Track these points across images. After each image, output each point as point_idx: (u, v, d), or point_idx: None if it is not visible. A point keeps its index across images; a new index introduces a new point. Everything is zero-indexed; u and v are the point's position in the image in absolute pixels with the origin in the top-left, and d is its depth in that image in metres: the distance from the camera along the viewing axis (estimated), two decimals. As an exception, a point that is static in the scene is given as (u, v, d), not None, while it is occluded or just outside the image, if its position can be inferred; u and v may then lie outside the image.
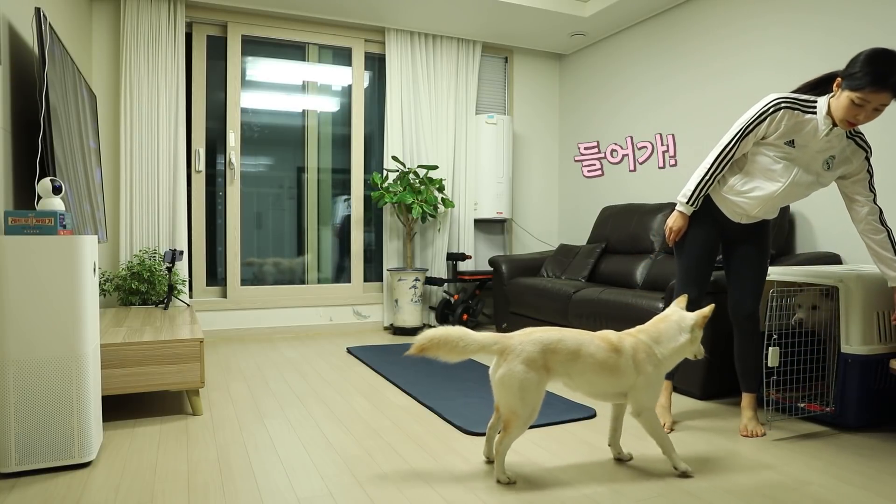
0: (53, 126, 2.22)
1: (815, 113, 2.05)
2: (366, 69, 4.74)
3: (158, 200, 3.94)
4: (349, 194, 4.71)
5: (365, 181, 4.73)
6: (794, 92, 2.14)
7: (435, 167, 4.45)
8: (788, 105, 2.06)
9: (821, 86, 2.10)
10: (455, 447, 2.14)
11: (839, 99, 1.97)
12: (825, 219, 3.08)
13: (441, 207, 4.66)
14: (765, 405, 2.51)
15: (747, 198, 2.19)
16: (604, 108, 4.77)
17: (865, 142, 2.13)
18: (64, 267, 1.85)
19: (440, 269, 4.72)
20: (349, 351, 3.78)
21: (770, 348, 2.33)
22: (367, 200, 4.76)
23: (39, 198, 1.99)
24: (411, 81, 4.65)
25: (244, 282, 4.42)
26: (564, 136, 5.27)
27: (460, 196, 4.83)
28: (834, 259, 2.93)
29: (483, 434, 2.25)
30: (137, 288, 3.55)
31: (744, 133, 2.12)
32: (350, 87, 4.69)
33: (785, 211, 3.10)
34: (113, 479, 1.84)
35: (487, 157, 4.83)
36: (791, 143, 2.08)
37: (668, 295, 2.84)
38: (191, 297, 4.21)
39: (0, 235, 1.81)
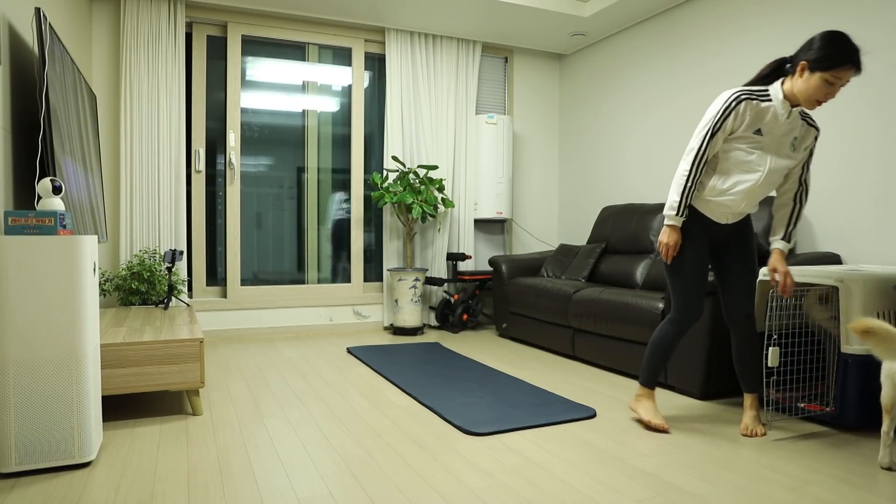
0: (53, 126, 2.22)
1: (770, 101, 2.13)
2: (366, 69, 4.74)
3: (158, 200, 3.94)
4: (343, 192, 4.71)
5: (365, 181, 4.73)
6: (746, 85, 2.21)
7: (435, 167, 4.45)
8: (747, 97, 2.13)
9: (771, 75, 2.19)
10: (455, 447, 2.14)
11: (808, 81, 2.04)
12: (825, 219, 3.08)
13: (441, 207, 4.66)
14: (765, 405, 2.51)
15: (731, 195, 2.21)
16: (604, 108, 4.77)
17: (815, 122, 2.23)
18: (64, 267, 1.85)
19: (440, 269, 4.72)
20: (349, 351, 3.78)
21: (770, 348, 2.33)
22: (367, 200, 4.77)
23: (39, 198, 1.99)
24: (411, 81, 4.65)
25: (244, 282, 4.42)
26: (564, 137, 5.27)
27: (460, 196, 4.83)
28: (834, 259, 2.93)
29: (483, 434, 2.26)
30: (137, 288, 3.55)
31: (712, 132, 2.16)
32: (350, 87, 4.69)
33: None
34: (113, 479, 1.84)
35: (487, 157, 4.83)
36: (758, 131, 2.15)
37: (668, 296, 2.84)
38: (191, 297, 4.21)
39: (0, 235, 1.81)
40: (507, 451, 2.10)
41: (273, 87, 4.51)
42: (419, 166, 4.42)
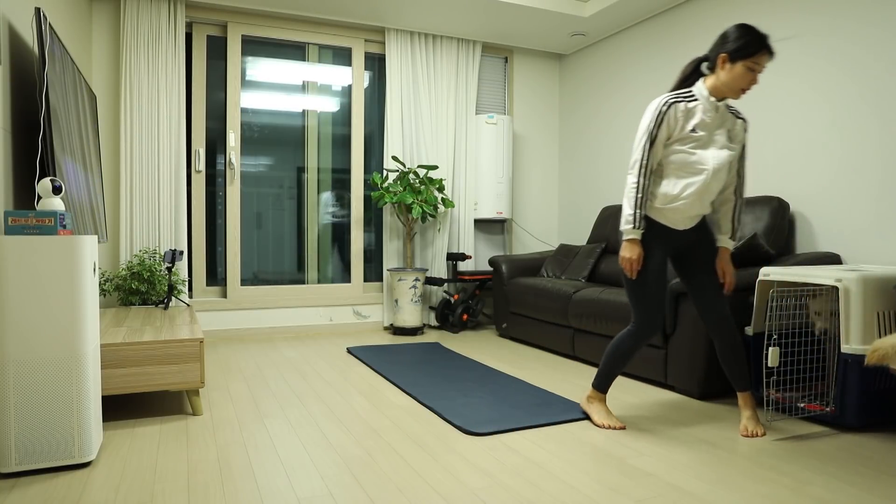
0: (53, 126, 2.22)
1: (697, 100, 2.21)
2: (366, 69, 4.74)
3: (158, 200, 3.94)
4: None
5: (365, 181, 4.73)
6: (670, 91, 2.27)
7: (435, 167, 4.45)
8: (675, 100, 2.20)
9: (690, 77, 2.28)
10: (455, 447, 2.14)
11: (731, 72, 2.14)
12: (825, 219, 3.08)
13: (441, 207, 4.66)
14: (765, 405, 2.51)
15: (684, 199, 2.23)
16: (604, 108, 4.77)
17: (741, 114, 2.32)
18: (64, 267, 1.85)
19: (440, 269, 4.72)
20: (349, 351, 3.78)
21: (770, 348, 2.33)
22: (367, 200, 4.77)
23: (39, 198, 1.99)
24: (411, 81, 4.65)
25: (244, 282, 4.42)
26: (564, 137, 5.27)
27: (460, 196, 4.83)
28: (834, 259, 2.93)
29: (483, 434, 2.26)
30: (137, 288, 3.55)
31: (651, 141, 2.20)
32: (350, 87, 4.69)
33: (784, 211, 3.10)
34: (113, 479, 1.84)
35: (487, 157, 4.83)
36: (694, 129, 2.20)
37: (668, 296, 2.84)
38: (191, 297, 4.21)
39: (0, 235, 1.81)
40: (507, 451, 2.10)
41: (273, 87, 4.51)
42: (419, 166, 4.42)
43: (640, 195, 2.20)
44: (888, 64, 2.81)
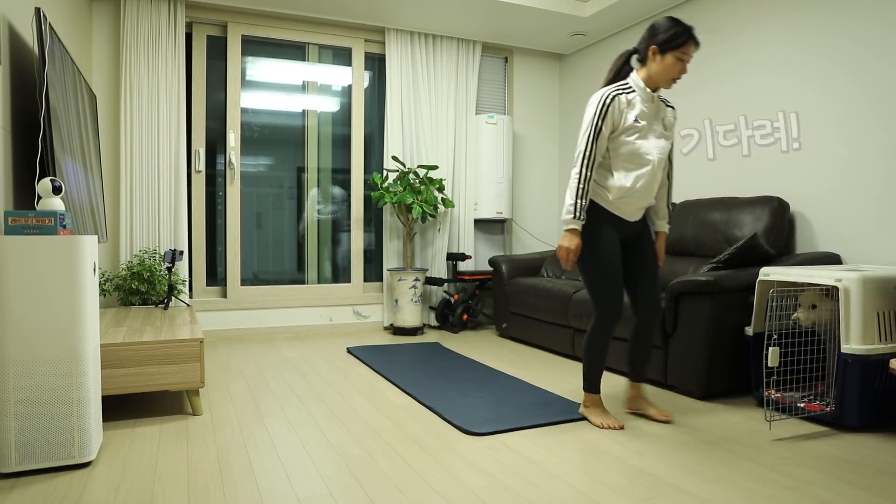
0: (53, 126, 2.22)
1: (634, 91, 2.28)
2: (366, 69, 4.74)
3: (158, 200, 3.94)
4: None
5: (365, 181, 4.73)
6: (605, 84, 2.34)
7: (435, 167, 4.45)
8: (615, 93, 2.26)
9: (622, 70, 2.35)
10: (455, 447, 2.14)
11: (663, 63, 2.23)
12: (825, 219, 3.08)
13: (441, 207, 4.66)
14: (765, 405, 2.51)
15: (637, 190, 2.27)
16: (604, 108, 4.77)
17: (670, 102, 2.40)
18: (64, 267, 1.85)
19: (440, 269, 4.72)
20: (349, 351, 3.78)
21: (770, 348, 2.33)
22: (367, 200, 4.76)
23: (39, 198, 1.99)
24: (411, 81, 4.65)
25: (244, 282, 4.42)
26: (564, 137, 5.27)
27: (460, 196, 4.83)
28: (834, 259, 2.93)
29: (483, 434, 2.26)
30: (137, 288, 3.55)
31: (595, 134, 2.23)
32: (350, 87, 4.69)
33: (784, 211, 3.10)
34: (113, 479, 1.84)
35: (487, 157, 4.83)
36: (637, 120, 2.26)
37: (668, 296, 2.84)
38: (191, 297, 4.21)
39: (0, 235, 1.81)
40: (507, 451, 2.10)
41: (273, 87, 4.51)
42: (419, 166, 4.42)
43: (581, 186, 2.22)
44: (889, 63, 2.81)
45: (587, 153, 2.23)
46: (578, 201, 2.22)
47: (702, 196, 3.81)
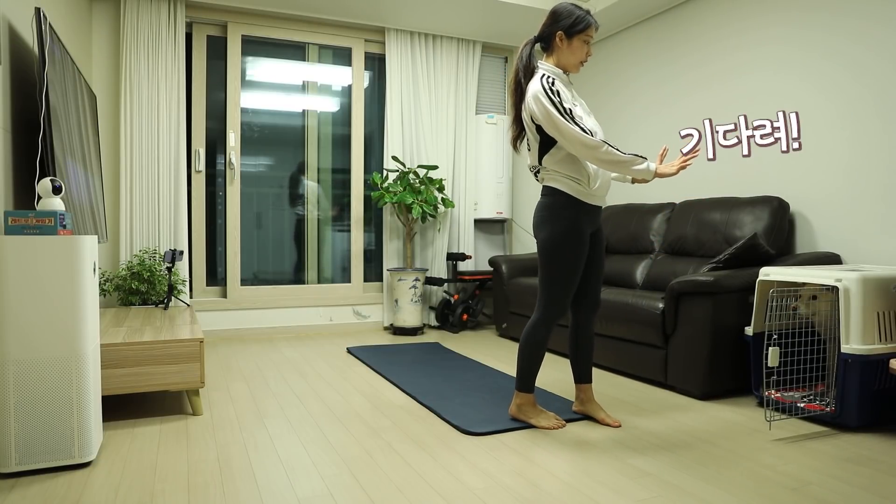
0: (53, 126, 2.22)
1: (553, 77, 2.26)
2: (366, 69, 4.74)
3: (158, 200, 3.94)
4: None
5: (365, 181, 4.73)
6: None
7: (435, 167, 4.45)
8: (548, 76, 2.23)
9: (531, 58, 2.31)
10: (455, 447, 2.14)
11: (571, 47, 2.25)
12: (825, 219, 3.08)
13: (441, 207, 4.66)
14: (765, 405, 2.51)
15: (603, 172, 2.27)
16: (604, 109, 4.77)
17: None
18: (64, 267, 1.85)
19: (440, 269, 4.72)
20: (349, 351, 3.78)
21: (770, 348, 2.33)
22: (367, 200, 4.77)
23: (39, 198, 1.99)
24: (411, 81, 4.65)
25: (244, 282, 4.42)
26: (564, 136, 5.26)
27: (460, 196, 4.83)
28: (834, 259, 2.93)
29: (483, 434, 2.26)
30: (137, 288, 3.55)
31: (570, 115, 2.14)
32: (350, 87, 4.69)
33: (784, 211, 3.10)
34: (113, 479, 1.84)
35: (487, 157, 4.83)
36: (574, 103, 2.26)
37: (668, 296, 2.84)
38: (191, 297, 4.21)
39: (0, 235, 1.81)
40: (507, 451, 2.10)
41: (273, 87, 4.51)
42: (419, 166, 4.42)
43: (614, 147, 2.14)
44: (889, 62, 2.81)
45: (583, 129, 2.12)
46: (626, 153, 2.17)
47: (702, 196, 3.81)
